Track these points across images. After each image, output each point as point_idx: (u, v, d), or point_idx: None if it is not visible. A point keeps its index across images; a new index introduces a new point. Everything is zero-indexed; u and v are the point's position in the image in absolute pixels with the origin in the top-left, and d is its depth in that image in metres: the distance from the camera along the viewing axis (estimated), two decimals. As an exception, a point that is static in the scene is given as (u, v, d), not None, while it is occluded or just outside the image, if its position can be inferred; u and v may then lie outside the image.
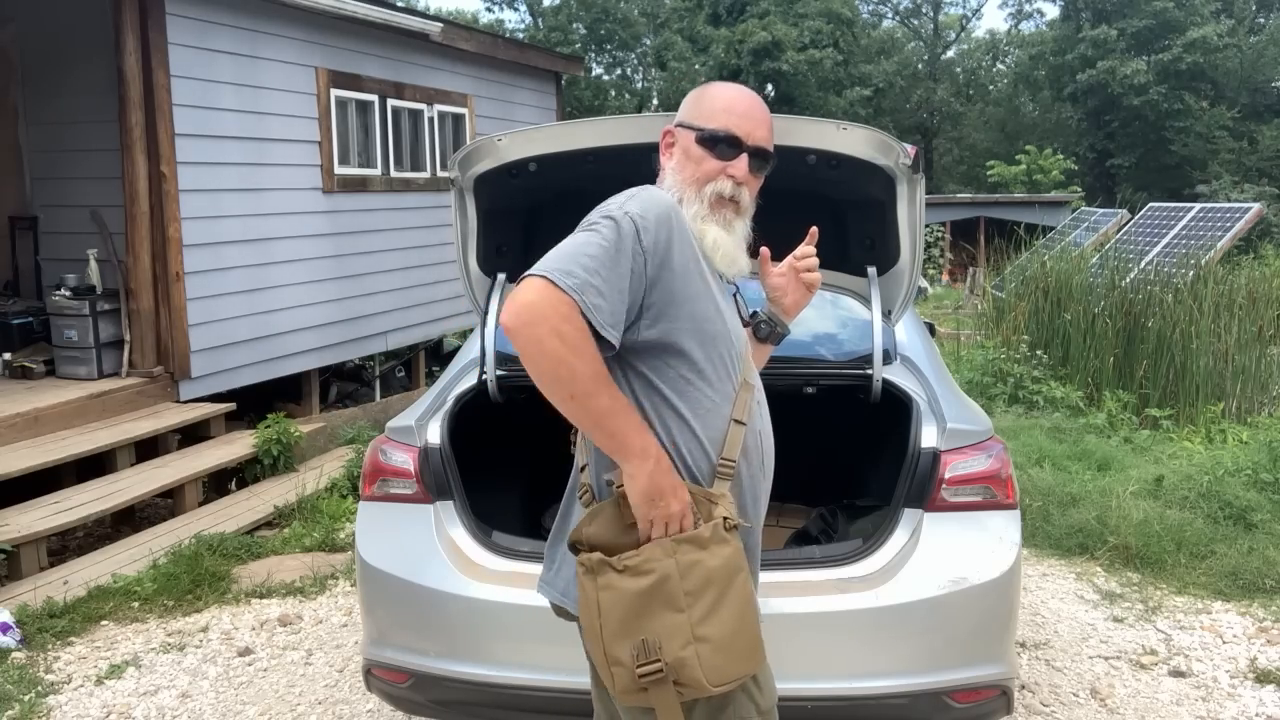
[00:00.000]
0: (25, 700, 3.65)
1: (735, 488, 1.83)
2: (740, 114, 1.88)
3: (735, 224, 1.87)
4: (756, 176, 1.90)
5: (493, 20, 37.09)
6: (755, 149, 1.88)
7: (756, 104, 1.92)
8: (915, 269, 3.13)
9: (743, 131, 1.87)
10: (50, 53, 6.89)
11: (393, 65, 8.70)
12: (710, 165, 1.86)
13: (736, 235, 1.86)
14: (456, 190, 3.08)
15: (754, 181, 1.90)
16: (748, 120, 1.88)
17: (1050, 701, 3.61)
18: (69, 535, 5.39)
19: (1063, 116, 34.44)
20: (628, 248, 1.70)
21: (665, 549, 1.69)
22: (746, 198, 1.89)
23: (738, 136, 1.86)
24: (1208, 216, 12.13)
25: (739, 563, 1.72)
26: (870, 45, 36.59)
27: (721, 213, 1.85)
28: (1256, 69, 30.75)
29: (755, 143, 1.88)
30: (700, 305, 1.78)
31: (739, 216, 1.88)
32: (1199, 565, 4.73)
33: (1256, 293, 8.75)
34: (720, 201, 1.86)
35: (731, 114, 1.87)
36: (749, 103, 1.91)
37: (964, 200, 21.36)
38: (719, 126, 1.86)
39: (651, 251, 1.72)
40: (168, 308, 6.53)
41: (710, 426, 1.80)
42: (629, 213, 1.73)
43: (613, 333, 1.67)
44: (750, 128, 1.88)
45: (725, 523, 1.73)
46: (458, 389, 3.23)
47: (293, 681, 3.83)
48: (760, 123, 1.90)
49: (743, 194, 1.87)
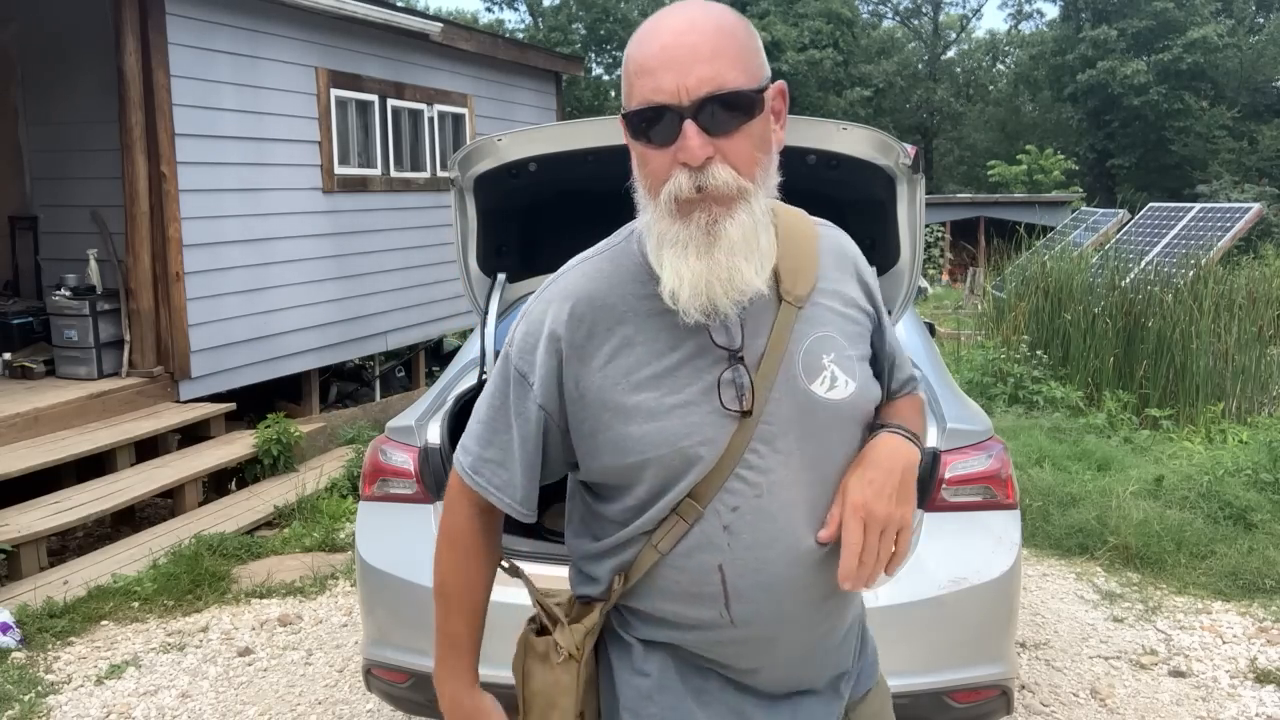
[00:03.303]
0: (25, 700, 3.65)
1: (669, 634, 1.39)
2: (657, 64, 1.22)
3: (725, 226, 1.23)
4: (724, 137, 1.22)
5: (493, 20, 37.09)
6: (695, 104, 1.20)
7: (676, 33, 1.23)
8: (915, 269, 3.13)
9: (669, 89, 1.20)
10: (50, 53, 6.89)
11: (393, 65, 8.70)
12: (654, 162, 1.25)
13: (726, 242, 1.24)
14: (456, 190, 3.08)
15: (729, 146, 1.23)
16: (669, 68, 1.21)
17: (1050, 701, 3.61)
18: (69, 535, 5.39)
19: (1063, 116, 34.44)
20: (512, 395, 1.38)
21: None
22: (725, 176, 1.22)
23: (663, 103, 1.21)
24: (1208, 216, 12.13)
25: (552, 697, 1.43)
26: (870, 45, 36.58)
27: (690, 223, 1.24)
28: (1256, 69, 30.74)
29: (691, 95, 1.20)
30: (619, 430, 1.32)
31: (728, 211, 1.23)
32: (1199, 565, 4.73)
33: (1256, 293, 8.76)
34: (684, 206, 1.24)
35: (646, 73, 1.22)
36: (665, 38, 1.23)
37: (964, 200, 21.35)
38: (639, 101, 1.23)
39: (543, 386, 1.35)
40: (168, 308, 6.53)
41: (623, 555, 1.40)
42: (511, 342, 1.40)
43: (521, 511, 1.42)
44: (676, 76, 1.20)
45: (556, 648, 1.43)
46: (458, 389, 3.23)
47: (293, 681, 3.83)
48: (687, 59, 1.21)
49: (714, 175, 1.22)
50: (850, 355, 1.39)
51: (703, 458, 1.30)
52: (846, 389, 1.37)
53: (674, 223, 1.25)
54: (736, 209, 1.24)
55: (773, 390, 1.33)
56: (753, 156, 1.26)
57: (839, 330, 1.39)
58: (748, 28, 1.29)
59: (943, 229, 19.33)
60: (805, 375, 1.35)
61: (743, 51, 1.25)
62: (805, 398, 1.34)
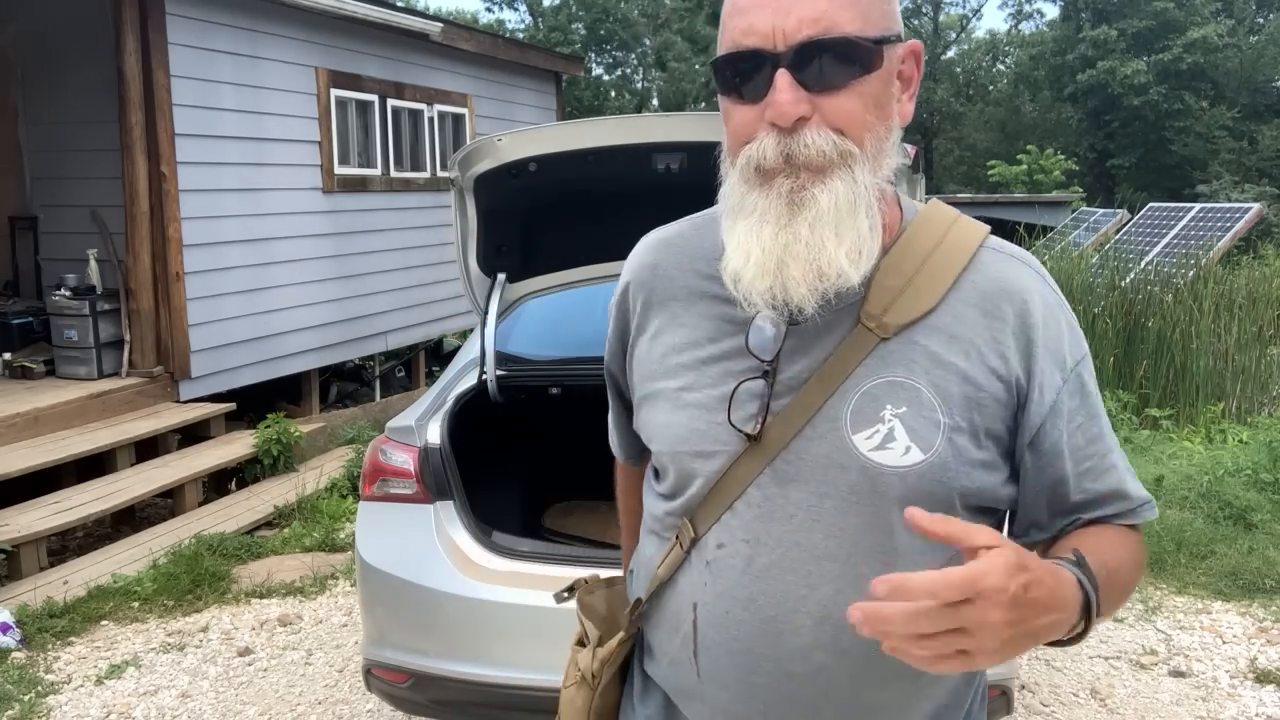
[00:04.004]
0: (25, 700, 3.65)
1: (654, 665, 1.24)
2: (750, 3, 1.01)
3: (814, 192, 1.00)
4: (828, 93, 0.99)
5: (493, 20, 37.09)
6: (793, 50, 0.98)
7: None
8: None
9: (763, 30, 0.99)
10: (50, 53, 6.88)
11: (393, 65, 8.70)
12: (737, 119, 1.04)
13: (813, 211, 1.00)
14: (456, 190, 3.08)
15: (832, 105, 0.99)
16: (765, 4, 0.99)
17: (1050, 701, 3.61)
18: (69, 535, 5.39)
19: (1063, 116, 34.43)
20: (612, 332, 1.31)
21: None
22: (822, 142, 0.99)
23: (754, 48, 0.99)
24: (1208, 216, 12.12)
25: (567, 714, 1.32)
26: (870, 45, 36.51)
27: (771, 190, 1.01)
28: (1256, 69, 30.74)
29: (789, 40, 0.98)
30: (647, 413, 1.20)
31: (822, 178, 1.00)
32: (1199, 565, 4.73)
33: (1256, 293, 8.76)
34: (766, 175, 1.02)
35: (739, 11, 1.01)
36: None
37: (964, 200, 21.33)
38: (728, 45, 1.03)
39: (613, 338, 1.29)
40: (168, 308, 6.53)
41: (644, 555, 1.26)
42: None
43: (618, 450, 1.39)
44: (773, 16, 0.98)
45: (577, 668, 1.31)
46: (458, 389, 3.23)
47: (293, 681, 3.83)
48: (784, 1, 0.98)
49: (808, 141, 0.99)
50: (936, 419, 1.05)
51: (698, 473, 1.13)
52: (905, 455, 1.04)
53: (750, 190, 1.03)
54: (833, 177, 0.99)
55: (807, 426, 1.07)
56: (863, 119, 1.00)
57: (931, 383, 1.05)
58: None
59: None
60: (851, 421, 1.05)
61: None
62: (841, 448, 1.06)
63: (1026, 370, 1.08)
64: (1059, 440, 1.09)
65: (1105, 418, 1.15)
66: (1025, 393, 1.08)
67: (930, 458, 1.04)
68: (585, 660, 1.27)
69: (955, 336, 1.07)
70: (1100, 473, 1.12)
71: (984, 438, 1.07)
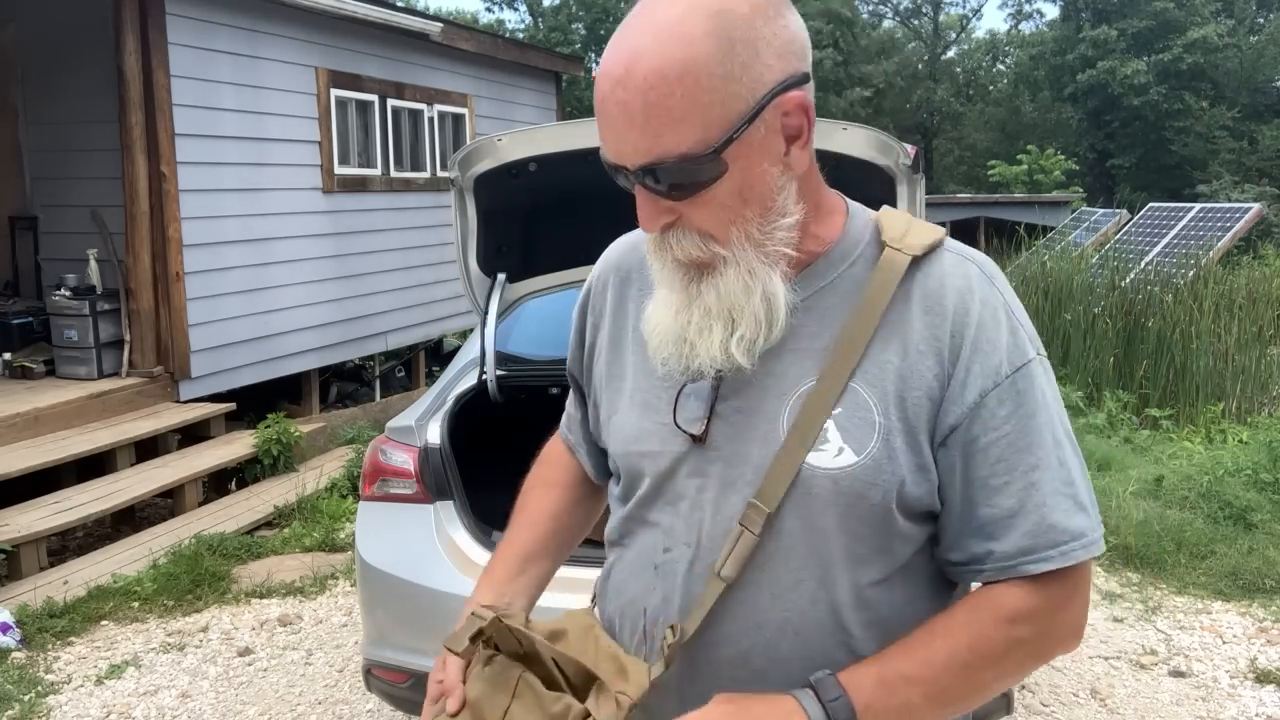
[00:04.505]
0: (25, 700, 3.65)
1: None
2: (599, 117, 1.02)
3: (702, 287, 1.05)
4: (683, 201, 1.01)
5: (493, 20, 37.09)
6: (638, 171, 1.00)
7: (612, 81, 0.98)
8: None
9: (612, 150, 1.02)
10: (50, 53, 6.88)
11: (393, 65, 8.70)
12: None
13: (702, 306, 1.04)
14: (456, 190, 3.08)
15: (690, 210, 1.02)
16: (607, 127, 1.01)
17: (1050, 701, 3.61)
18: (69, 535, 5.39)
19: (1063, 116, 34.43)
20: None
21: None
22: (688, 245, 1.03)
23: (612, 162, 1.03)
24: (1208, 217, 12.12)
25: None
26: (870, 45, 36.57)
27: (676, 275, 1.07)
28: (1256, 69, 30.74)
29: (631, 162, 1.00)
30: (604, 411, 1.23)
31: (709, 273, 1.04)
32: (1199, 565, 4.73)
33: (1256, 293, 8.77)
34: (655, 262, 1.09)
35: (598, 124, 1.03)
36: (603, 87, 1.00)
37: (964, 200, 21.36)
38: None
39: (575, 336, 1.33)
40: (168, 308, 6.53)
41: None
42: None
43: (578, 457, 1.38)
44: (613, 140, 1.01)
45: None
46: (458, 389, 3.23)
47: (293, 681, 3.83)
48: (620, 121, 0.99)
49: (676, 244, 1.04)
50: (872, 420, 1.03)
51: (645, 473, 1.13)
52: (838, 457, 1.03)
53: (658, 265, 1.08)
54: (715, 274, 1.03)
55: (748, 428, 1.07)
56: (724, 219, 1.01)
57: (867, 383, 1.04)
58: (719, 48, 0.95)
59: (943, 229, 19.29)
60: (788, 424, 1.05)
61: (696, 95, 0.95)
62: (778, 449, 1.05)
63: (953, 367, 1.04)
64: (972, 445, 1.03)
65: (1051, 439, 1.04)
66: (947, 390, 1.04)
67: (863, 459, 1.03)
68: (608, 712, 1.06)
69: (894, 336, 1.05)
70: (1017, 491, 1.02)
71: (922, 439, 1.04)
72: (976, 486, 1.03)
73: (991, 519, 1.03)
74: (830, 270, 1.09)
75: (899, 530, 1.06)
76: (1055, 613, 1.03)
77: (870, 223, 1.13)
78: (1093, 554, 1.03)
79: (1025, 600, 1.02)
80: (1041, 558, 1.01)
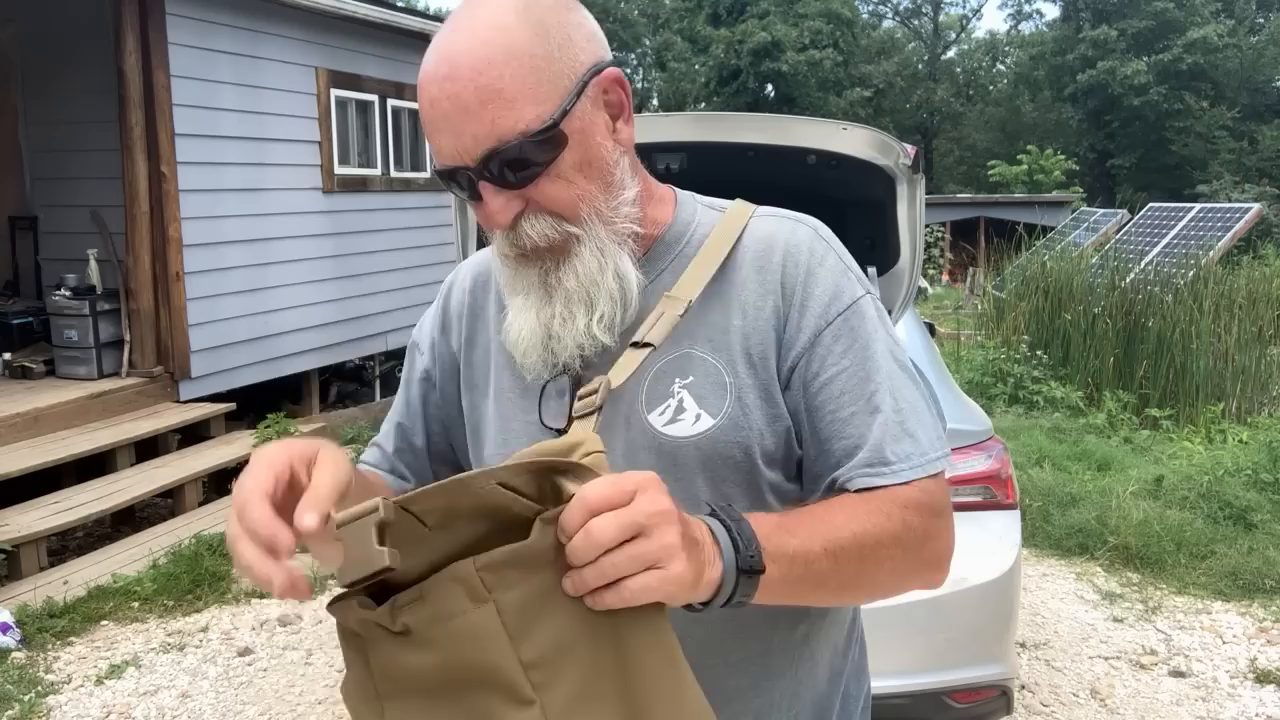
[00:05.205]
0: (25, 700, 3.65)
1: None
2: (430, 124, 1.03)
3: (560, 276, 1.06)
4: (530, 185, 1.02)
5: (493, 20, 37.05)
6: (480, 163, 1.00)
7: (438, 82, 1.00)
8: (915, 269, 3.13)
9: (449, 152, 1.02)
10: (50, 53, 6.89)
11: (393, 65, 8.70)
12: (479, 217, 1.09)
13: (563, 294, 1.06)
14: (456, 190, 3.08)
15: (538, 193, 1.03)
16: (441, 129, 1.01)
17: (1050, 701, 3.61)
18: (69, 535, 5.39)
19: (1063, 117, 34.46)
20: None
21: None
22: (542, 228, 1.04)
23: (451, 166, 1.03)
24: (1208, 217, 12.13)
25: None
26: (870, 45, 36.61)
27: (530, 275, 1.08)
28: (1256, 69, 30.76)
29: (473, 155, 1.00)
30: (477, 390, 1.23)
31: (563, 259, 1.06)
32: (1199, 565, 4.73)
33: (1256, 293, 8.77)
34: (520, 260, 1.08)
35: (428, 133, 1.04)
36: (430, 91, 1.00)
37: (964, 200, 21.37)
38: (436, 161, 1.06)
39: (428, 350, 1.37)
40: (168, 308, 6.53)
41: None
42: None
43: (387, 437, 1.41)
44: (450, 139, 1.01)
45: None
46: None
47: (293, 681, 3.83)
48: (456, 116, 0.99)
49: (529, 232, 1.04)
50: (722, 382, 1.07)
51: None
52: (696, 424, 1.06)
53: (510, 269, 1.08)
54: (570, 256, 1.05)
55: (612, 416, 1.07)
56: (572, 195, 1.03)
57: (714, 349, 1.08)
58: (535, 32, 0.99)
59: (943, 229, 19.33)
60: (646, 402, 1.07)
61: (524, 75, 0.98)
62: (641, 430, 1.07)
63: (788, 311, 1.08)
64: (813, 381, 1.06)
65: (886, 369, 1.06)
66: (783, 335, 1.07)
67: (720, 420, 1.06)
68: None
69: (734, 299, 1.09)
70: (861, 419, 1.04)
71: (774, 390, 1.07)
72: (825, 422, 1.06)
73: (844, 450, 1.05)
74: (668, 252, 1.12)
75: (769, 482, 1.08)
76: (933, 518, 1.04)
77: (698, 206, 1.17)
78: (926, 472, 1.04)
79: (912, 492, 1.03)
80: (875, 474, 1.03)
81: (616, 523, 0.77)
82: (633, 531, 0.78)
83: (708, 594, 0.86)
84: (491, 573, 0.80)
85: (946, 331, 10.82)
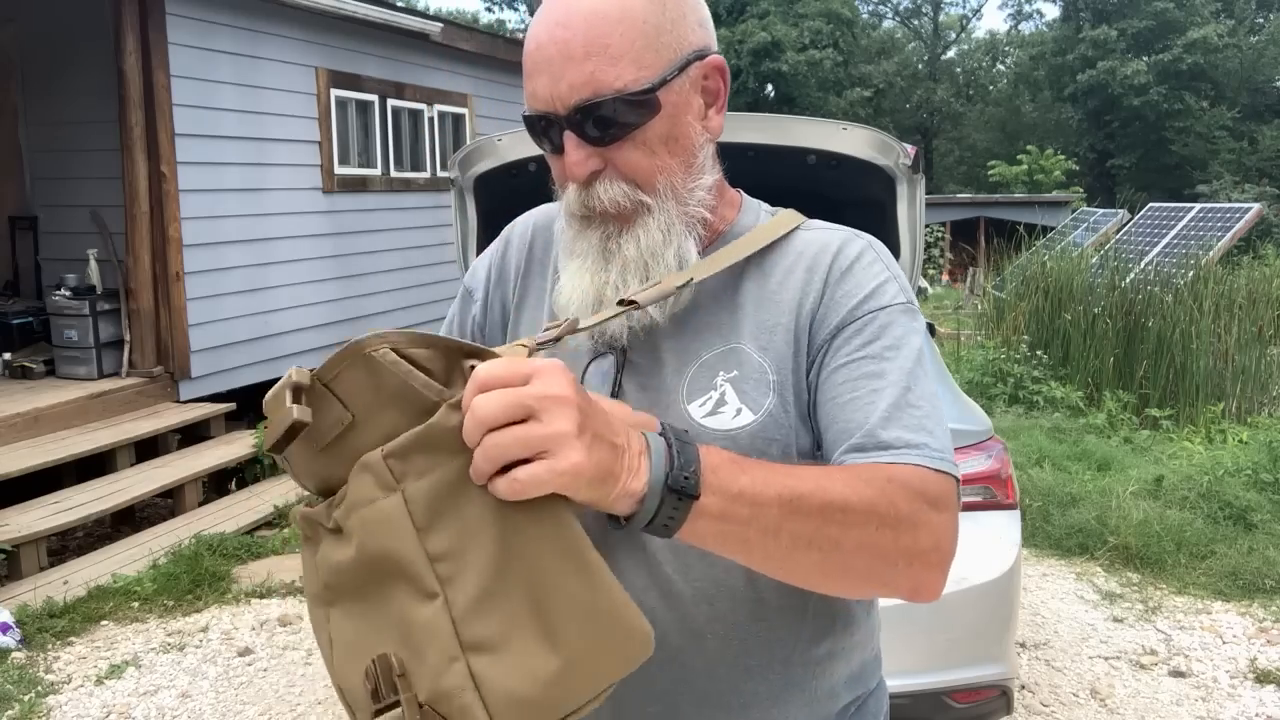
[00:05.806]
0: (25, 700, 3.65)
1: None
2: (532, 65, 1.03)
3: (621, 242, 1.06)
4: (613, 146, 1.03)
5: (493, 20, 37.12)
6: (571, 113, 1.01)
7: (551, 25, 1.01)
8: (915, 269, 3.13)
9: (544, 95, 1.02)
10: (50, 53, 6.89)
11: (393, 65, 8.70)
12: (554, 169, 1.10)
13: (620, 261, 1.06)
14: (456, 190, 3.09)
15: (618, 156, 1.03)
16: (542, 70, 1.02)
17: (1050, 701, 3.61)
18: (69, 535, 5.39)
19: (1063, 117, 34.46)
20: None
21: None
22: (615, 193, 1.04)
23: (541, 112, 1.03)
24: (1208, 217, 12.12)
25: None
26: (870, 45, 36.61)
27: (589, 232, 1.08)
28: (1256, 69, 30.77)
29: (565, 103, 1.01)
30: None
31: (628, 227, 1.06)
32: (1199, 565, 4.73)
33: (1256, 293, 8.77)
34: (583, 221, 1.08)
35: (528, 75, 1.04)
36: (540, 34, 1.02)
37: (964, 200, 21.36)
38: (527, 105, 1.06)
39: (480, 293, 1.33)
40: (168, 308, 6.53)
41: None
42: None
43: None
44: (549, 82, 1.01)
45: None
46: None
47: (293, 681, 3.83)
48: (559, 60, 1.00)
49: (602, 194, 1.04)
50: (767, 379, 1.06)
51: None
52: (736, 418, 1.05)
53: (577, 233, 1.08)
54: (636, 225, 1.05)
55: (651, 403, 1.06)
56: (652, 166, 1.04)
57: (759, 346, 1.07)
58: (652, 2, 1.01)
59: (943, 229, 19.33)
60: (687, 392, 1.07)
61: (633, 37, 1.00)
62: (679, 420, 1.05)
63: (823, 311, 1.06)
64: (826, 368, 1.04)
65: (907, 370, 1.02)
66: (812, 325, 1.06)
67: (760, 417, 1.05)
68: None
69: (785, 301, 1.08)
70: (859, 403, 1.01)
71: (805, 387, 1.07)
72: (828, 408, 1.03)
73: (841, 431, 1.01)
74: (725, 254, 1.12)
75: None
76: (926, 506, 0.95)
77: (761, 211, 1.17)
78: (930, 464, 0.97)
79: (907, 473, 0.96)
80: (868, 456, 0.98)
81: (502, 400, 0.75)
82: (521, 413, 0.75)
83: (628, 507, 0.82)
84: (399, 460, 0.79)
85: (946, 331, 10.82)
